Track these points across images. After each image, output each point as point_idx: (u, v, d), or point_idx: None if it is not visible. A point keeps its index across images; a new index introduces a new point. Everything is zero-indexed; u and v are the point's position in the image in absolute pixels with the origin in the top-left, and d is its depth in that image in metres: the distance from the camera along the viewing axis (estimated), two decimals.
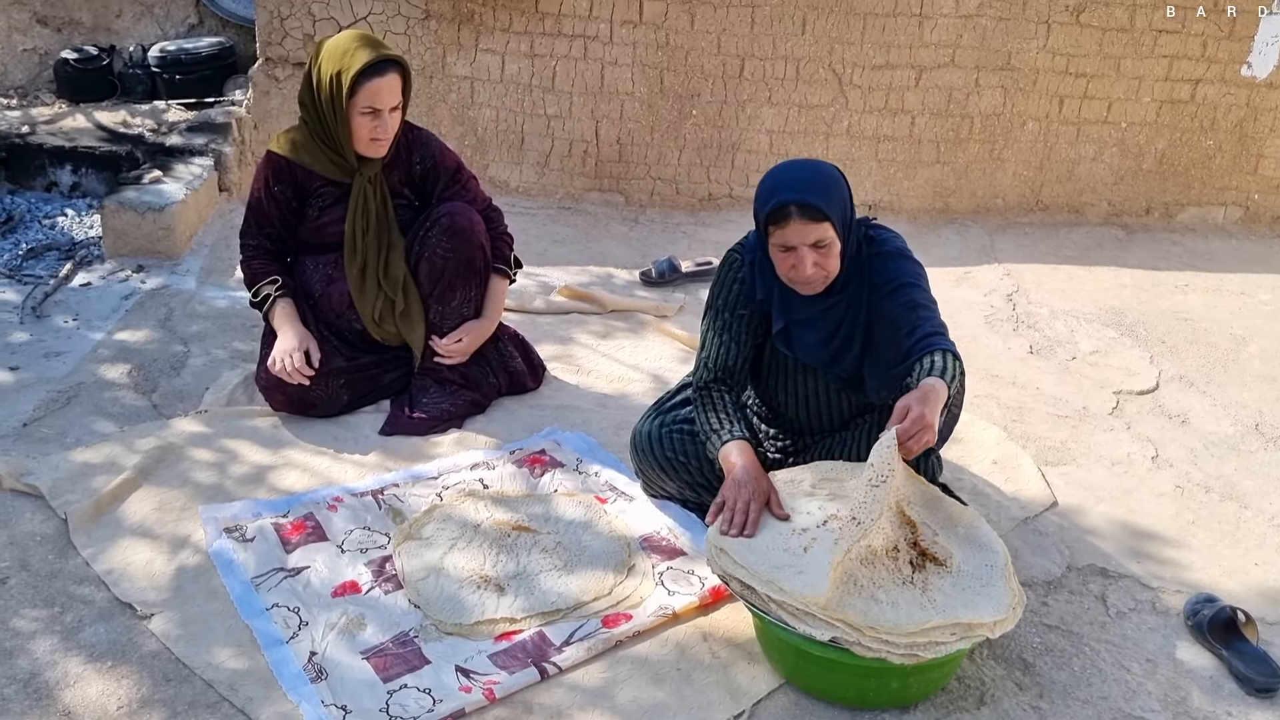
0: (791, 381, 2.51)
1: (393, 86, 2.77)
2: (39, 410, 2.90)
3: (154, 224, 3.90)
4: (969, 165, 4.87)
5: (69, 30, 5.54)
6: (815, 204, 2.20)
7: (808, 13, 4.55)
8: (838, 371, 2.44)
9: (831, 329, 2.40)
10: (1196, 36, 4.72)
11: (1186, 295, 4.28)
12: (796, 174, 2.27)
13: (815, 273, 2.26)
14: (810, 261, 2.25)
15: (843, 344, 2.41)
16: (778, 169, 2.32)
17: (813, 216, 2.21)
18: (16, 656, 2.07)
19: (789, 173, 2.28)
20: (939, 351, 2.21)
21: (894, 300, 2.33)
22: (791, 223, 2.21)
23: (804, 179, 2.25)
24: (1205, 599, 2.39)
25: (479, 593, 2.29)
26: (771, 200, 2.23)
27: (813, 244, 2.23)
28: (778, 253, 2.29)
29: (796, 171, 2.29)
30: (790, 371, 2.50)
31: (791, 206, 2.20)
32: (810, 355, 2.44)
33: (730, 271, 2.47)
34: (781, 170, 2.31)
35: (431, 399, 2.99)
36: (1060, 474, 2.95)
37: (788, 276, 2.32)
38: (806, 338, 2.42)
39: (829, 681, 2.07)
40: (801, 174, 2.27)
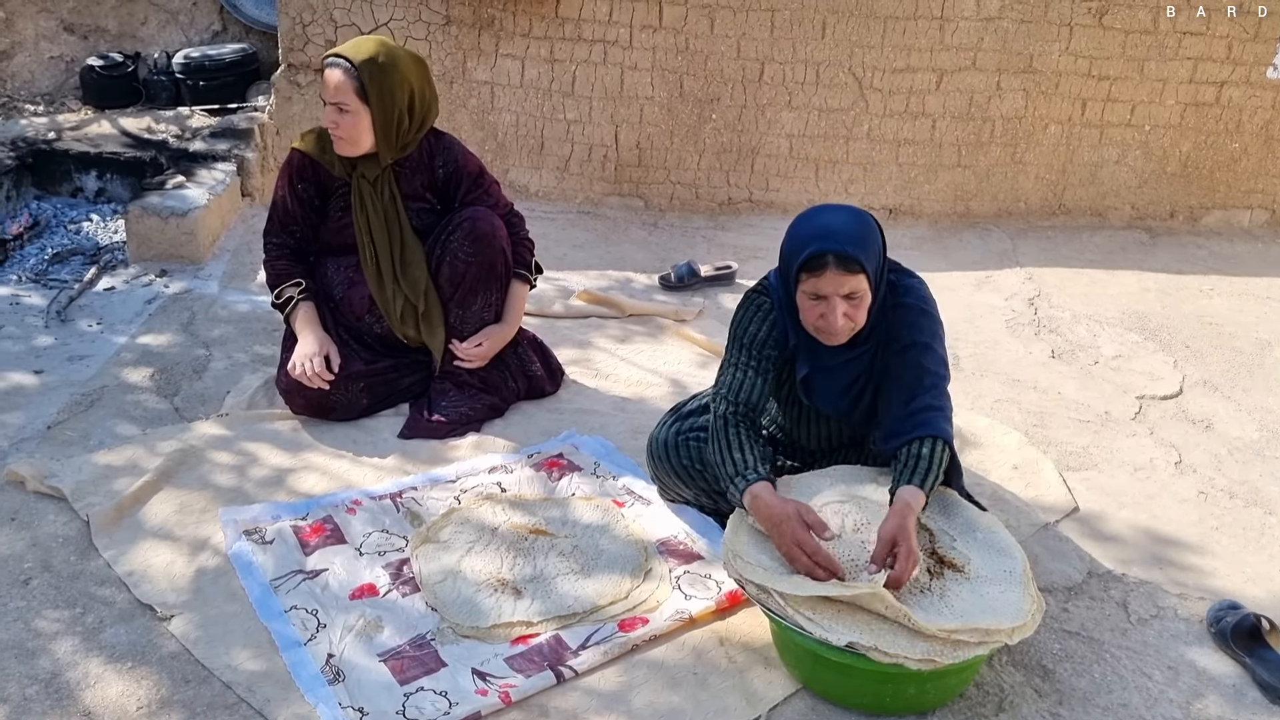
0: (808, 421, 2.47)
1: (334, 83, 2.79)
2: (63, 413, 2.93)
3: (177, 229, 3.93)
4: (990, 169, 4.85)
5: (95, 37, 5.60)
6: (853, 255, 2.14)
7: (828, 16, 4.54)
8: (853, 420, 2.42)
9: (850, 379, 2.35)
10: (1221, 38, 4.68)
11: (1211, 299, 4.24)
12: (834, 222, 2.20)
13: (844, 324, 2.20)
14: (840, 312, 2.19)
15: (858, 395, 2.37)
16: (814, 215, 2.25)
17: (849, 268, 2.15)
18: (38, 657, 2.09)
19: (827, 220, 2.21)
20: (927, 439, 2.18)
21: (902, 359, 2.28)
22: (827, 272, 2.15)
23: (842, 229, 2.18)
24: (1229, 606, 2.37)
25: (496, 596, 2.29)
26: (808, 248, 2.16)
27: (845, 295, 2.18)
28: (806, 300, 2.22)
29: (834, 219, 2.21)
30: (806, 411, 2.46)
31: (829, 256, 2.14)
32: (828, 405, 2.40)
33: (760, 312, 2.38)
34: (818, 216, 2.24)
35: (450, 403, 3.00)
36: (1082, 479, 2.92)
37: (814, 325, 2.25)
38: (826, 387, 2.37)
39: (846, 687, 2.06)
40: (839, 223, 2.19)
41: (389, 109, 2.81)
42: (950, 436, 2.22)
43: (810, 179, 4.80)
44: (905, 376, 2.26)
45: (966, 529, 2.19)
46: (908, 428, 2.21)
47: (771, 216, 4.79)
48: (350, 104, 2.79)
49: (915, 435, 2.19)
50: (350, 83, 2.78)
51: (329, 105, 2.81)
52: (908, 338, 2.28)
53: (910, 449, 2.19)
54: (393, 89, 2.80)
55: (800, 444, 2.55)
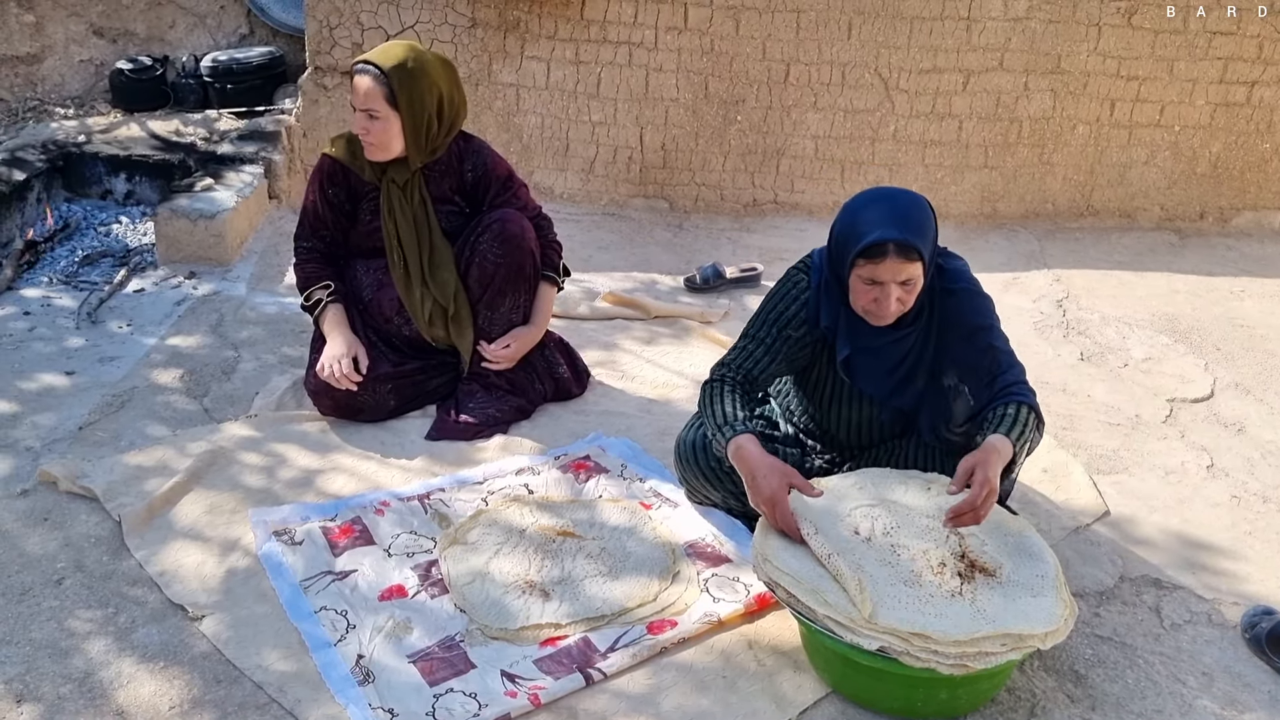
0: (846, 408, 2.46)
1: (364, 89, 2.80)
2: (94, 414, 2.95)
3: (205, 231, 3.96)
4: (1018, 169, 4.82)
5: (124, 41, 5.65)
6: (913, 244, 2.15)
7: (853, 17, 4.52)
8: (896, 404, 2.41)
9: (897, 360, 2.36)
10: (1252, 38, 4.63)
11: (1242, 301, 4.20)
12: (896, 210, 2.19)
13: (897, 309, 2.22)
14: (895, 298, 2.20)
15: (905, 377, 2.37)
16: (873, 198, 2.25)
17: (908, 256, 2.16)
18: (72, 656, 2.11)
19: (888, 207, 2.20)
20: (1014, 403, 2.21)
21: (971, 345, 2.31)
22: (887, 260, 2.15)
23: (903, 216, 2.18)
24: (1263, 611, 2.34)
25: (524, 598, 2.29)
26: (870, 235, 2.15)
27: (900, 281, 2.19)
28: (861, 285, 2.22)
29: (896, 207, 2.20)
30: (845, 398, 2.45)
31: (890, 245, 2.14)
32: (872, 386, 2.39)
33: (793, 290, 2.40)
34: (878, 201, 2.23)
35: (478, 404, 3.00)
36: (1112, 483, 2.90)
37: (865, 309, 2.25)
38: (871, 368, 2.37)
39: (876, 691, 2.05)
40: (900, 211, 2.19)
41: (418, 114, 2.82)
42: (1037, 407, 2.26)
43: (836, 180, 4.79)
44: (982, 362, 2.30)
45: (998, 533, 2.17)
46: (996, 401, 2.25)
47: (797, 218, 4.78)
48: (380, 110, 2.80)
49: (1000, 403, 2.23)
50: (380, 89, 2.79)
51: (359, 111, 2.82)
52: (971, 322, 2.32)
53: (997, 410, 2.22)
54: (422, 94, 2.81)
55: (833, 434, 2.54)
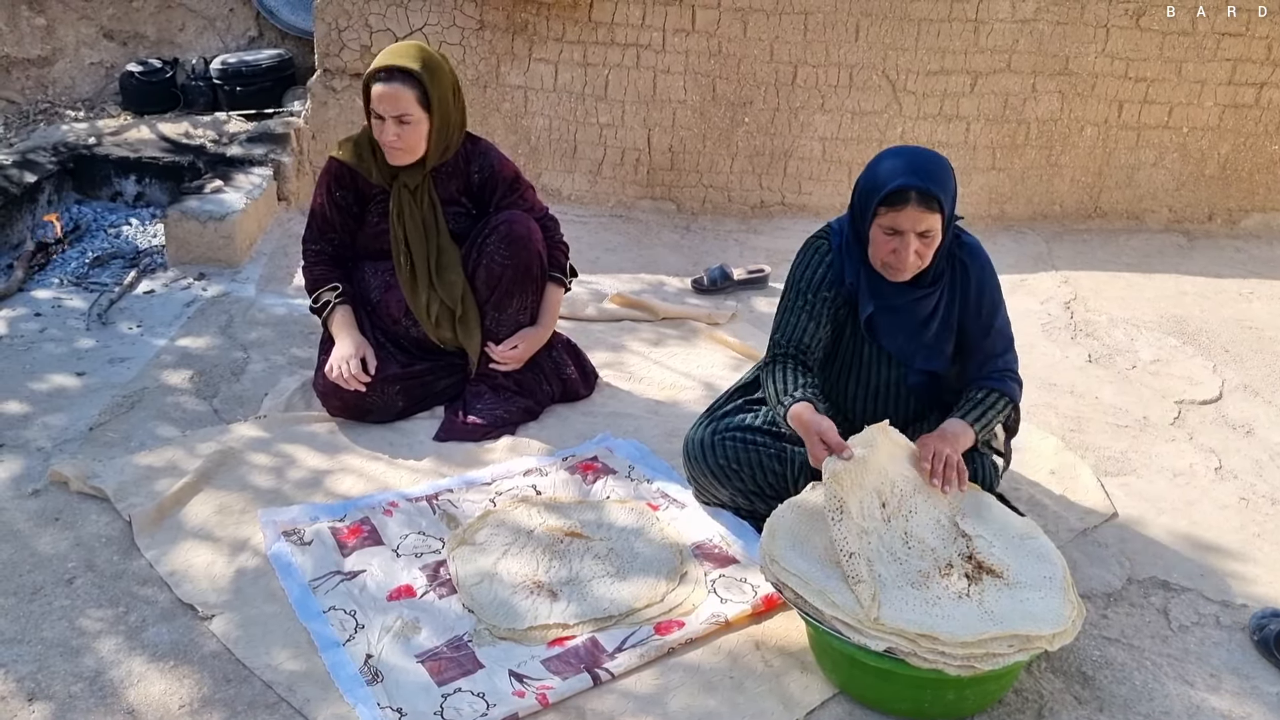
0: (866, 371, 2.50)
1: (395, 97, 2.79)
2: (104, 415, 2.96)
3: (215, 233, 3.98)
4: (1025, 171, 4.82)
5: (134, 44, 5.68)
6: (935, 193, 2.22)
7: (861, 19, 4.53)
8: (920, 365, 2.45)
9: (921, 320, 2.41)
10: (1261, 39, 4.62)
11: (1250, 303, 4.19)
12: (918, 161, 2.26)
13: (914, 261, 2.28)
14: (913, 249, 2.26)
15: (932, 340, 2.43)
16: (896, 152, 2.31)
17: (929, 205, 2.22)
18: (83, 655, 2.12)
19: (910, 158, 2.27)
20: (986, 389, 2.37)
21: (978, 321, 2.40)
22: (908, 208, 2.22)
23: (925, 167, 2.25)
24: (1271, 613, 2.34)
25: (532, 598, 2.30)
26: (893, 182, 2.22)
27: (920, 232, 2.25)
28: (881, 234, 2.29)
29: (917, 159, 2.27)
30: (866, 361, 2.49)
31: (912, 192, 2.21)
32: (895, 345, 2.44)
33: (816, 255, 2.47)
34: (901, 154, 2.30)
35: (486, 405, 3.01)
36: (1120, 484, 2.90)
37: (883, 260, 2.32)
38: (894, 326, 2.42)
39: (883, 692, 2.05)
40: (922, 161, 2.26)
41: (446, 112, 2.86)
42: (1016, 396, 2.39)
43: (843, 182, 4.79)
44: (983, 341, 2.40)
45: (1005, 534, 2.18)
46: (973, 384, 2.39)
47: (804, 220, 4.78)
48: (414, 114, 2.81)
49: (981, 386, 2.38)
50: (413, 92, 2.80)
51: (388, 119, 2.80)
52: (983, 298, 2.41)
53: (967, 394, 2.39)
54: (446, 91, 2.85)
55: (849, 407, 2.55)
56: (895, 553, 2.07)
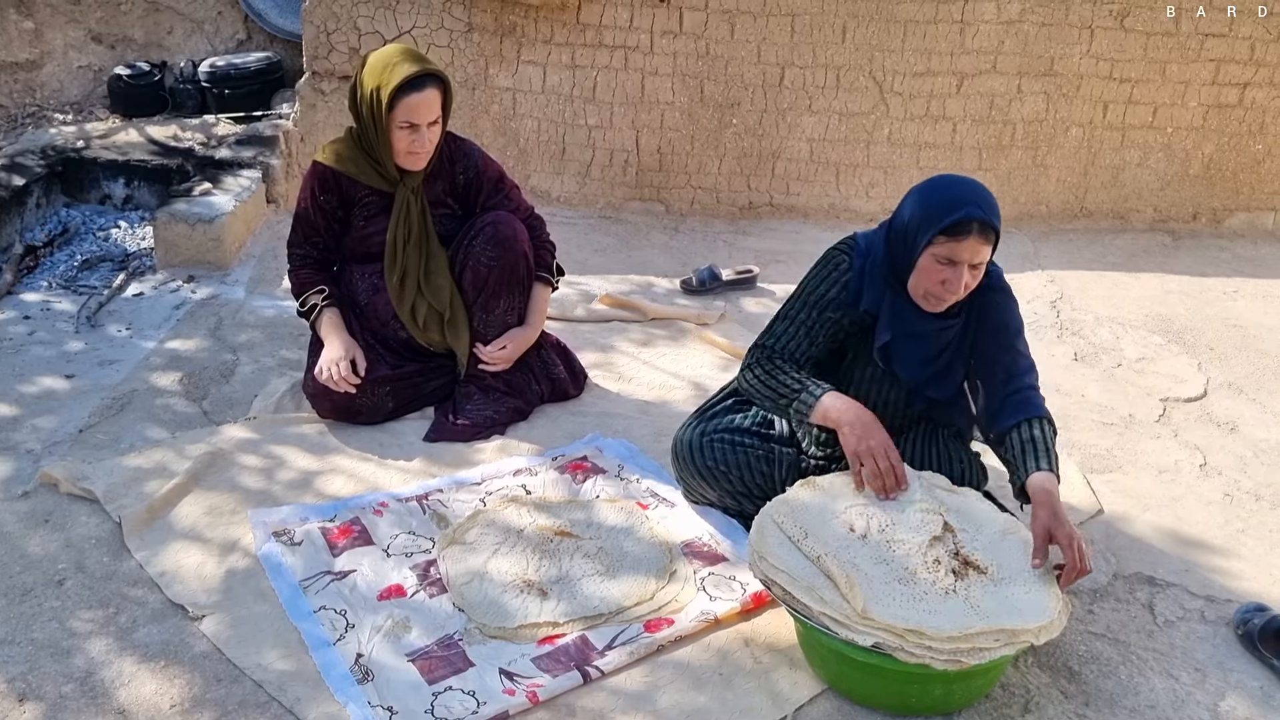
0: (869, 388, 2.46)
1: (430, 102, 2.80)
2: (94, 416, 2.96)
3: (204, 235, 3.98)
4: (1011, 172, 4.85)
5: (122, 47, 5.67)
6: (995, 225, 2.18)
7: (848, 21, 4.55)
8: (930, 393, 2.42)
9: (938, 349, 2.38)
10: (1244, 40, 4.66)
11: (1235, 301, 4.22)
12: (978, 191, 2.21)
13: (963, 292, 2.24)
14: (964, 281, 2.21)
15: (944, 368, 2.39)
16: (947, 181, 2.27)
17: (988, 238, 2.19)
18: (73, 656, 2.12)
19: (966, 188, 2.22)
20: (1034, 420, 2.26)
21: (997, 341, 2.35)
22: (969, 239, 2.17)
23: (985, 198, 2.20)
24: (1255, 608, 2.36)
25: (522, 597, 2.31)
26: (957, 212, 2.17)
27: (974, 264, 2.21)
28: (934, 264, 2.22)
29: (973, 188, 2.22)
30: (870, 379, 2.46)
31: (975, 223, 2.16)
32: (909, 372, 2.40)
33: (834, 271, 2.40)
34: (955, 183, 2.25)
35: (475, 406, 3.02)
36: (1106, 481, 2.92)
37: (929, 290, 2.26)
38: (911, 354, 2.38)
39: (871, 687, 2.06)
40: (981, 192, 2.21)
41: (450, 112, 2.89)
42: (1048, 414, 2.31)
43: (831, 183, 4.81)
44: (1003, 359, 2.34)
45: (989, 530, 2.19)
46: (1011, 408, 2.29)
47: (792, 220, 4.81)
48: (439, 117, 2.83)
49: (1023, 417, 2.27)
50: (441, 96, 2.82)
51: (415, 126, 2.79)
52: (1001, 320, 2.36)
53: (1021, 433, 2.25)
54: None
55: None
56: (881, 556, 2.09)
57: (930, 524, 2.14)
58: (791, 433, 2.60)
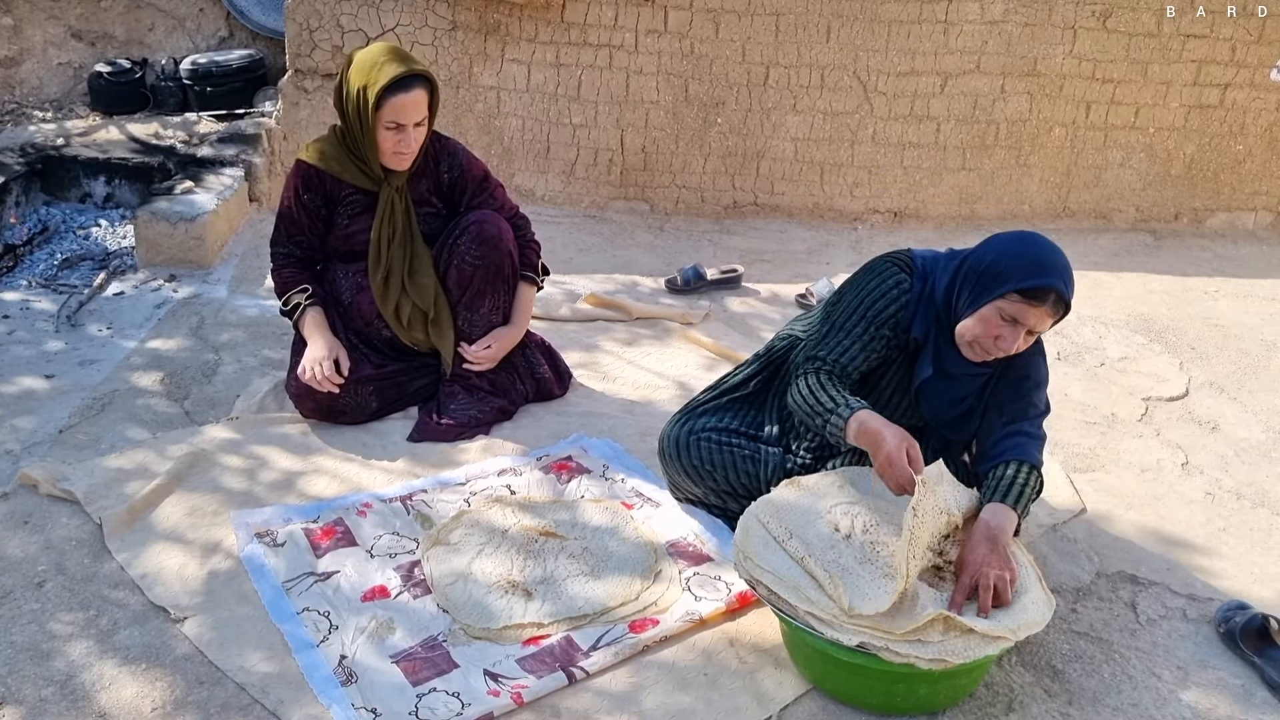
0: (887, 413, 2.38)
1: (418, 102, 2.79)
2: (74, 417, 2.94)
3: (186, 234, 3.95)
4: (995, 171, 4.86)
5: (103, 44, 5.63)
6: (1068, 305, 2.15)
7: (832, 20, 4.56)
8: (953, 435, 2.41)
9: (965, 393, 2.36)
10: (1225, 40, 4.69)
11: (1216, 301, 4.25)
12: (1062, 260, 2.16)
13: (1013, 352, 2.20)
14: (1018, 344, 2.18)
15: (966, 413, 2.38)
16: (1040, 243, 2.19)
17: (1059, 311, 2.16)
18: (53, 658, 2.10)
19: (1059, 258, 2.16)
20: (1014, 463, 2.20)
21: (1015, 390, 2.31)
22: (1043, 307, 2.13)
23: (1070, 273, 2.15)
24: (1237, 606, 2.37)
25: (507, 598, 2.30)
26: (1040, 278, 2.12)
27: (1031, 330, 2.17)
28: (997, 318, 2.17)
29: (1065, 262, 2.17)
30: (892, 406, 2.42)
31: (1053, 294, 2.12)
32: (934, 410, 2.38)
33: (895, 289, 2.32)
34: (1048, 249, 2.18)
35: (460, 406, 3.01)
36: (1089, 480, 2.93)
37: (979, 340, 2.21)
38: (941, 394, 2.35)
39: (856, 687, 2.07)
40: (1068, 267, 2.16)
41: (436, 112, 2.88)
42: (1041, 464, 2.24)
43: (815, 182, 4.82)
44: (1014, 406, 2.29)
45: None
46: (1003, 449, 2.24)
47: (777, 220, 4.81)
48: (425, 117, 2.82)
49: (1011, 458, 2.21)
50: (428, 97, 2.81)
51: (402, 126, 2.78)
52: (1025, 372, 2.31)
53: (996, 471, 2.21)
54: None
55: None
56: (866, 557, 2.09)
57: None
58: (781, 434, 2.59)
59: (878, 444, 2.14)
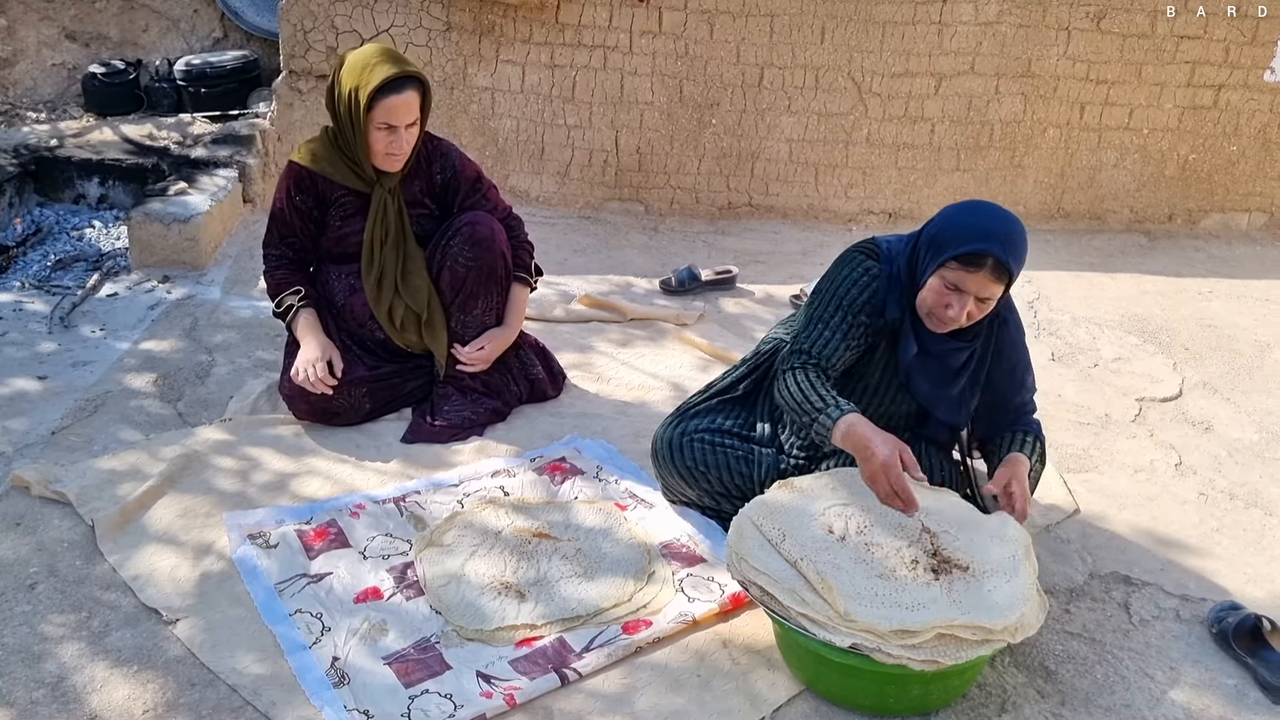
0: (876, 398, 2.44)
1: (410, 103, 2.79)
2: (67, 419, 2.93)
3: (179, 235, 3.94)
4: (989, 172, 4.87)
5: (96, 45, 5.62)
6: (1010, 267, 2.17)
7: (826, 21, 4.56)
8: (944, 416, 2.42)
9: (951, 371, 2.37)
10: (1219, 42, 4.70)
11: (1210, 302, 4.25)
12: (1004, 227, 2.18)
13: (963, 321, 2.23)
14: (967, 312, 2.21)
15: (958, 395, 2.39)
16: (984, 209, 2.23)
17: (1000, 276, 2.17)
18: (44, 660, 2.10)
19: (998, 222, 2.19)
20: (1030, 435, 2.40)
21: (1010, 378, 2.41)
22: (980, 273, 2.16)
23: (1010, 235, 2.17)
24: (1230, 606, 2.38)
25: (500, 599, 2.30)
26: (974, 244, 2.15)
27: (981, 298, 2.20)
28: (940, 286, 2.21)
29: (1004, 224, 2.19)
30: (876, 390, 2.44)
31: (990, 259, 2.14)
32: (923, 391, 2.40)
33: (864, 275, 2.35)
34: (990, 213, 2.21)
35: (453, 407, 3.01)
36: (1082, 481, 2.93)
37: (930, 310, 2.26)
38: (929, 372, 2.37)
39: (849, 688, 2.06)
40: (1008, 229, 2.18)
41: (428, 114, 2.87)
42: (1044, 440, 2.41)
43: (810, 183, 4.82)
44: (1011, 394, 2.41)
45: (969, 529, 2.19)
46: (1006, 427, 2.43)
47: (772, 221, 4.81)
48: (417, 119, 2.82)
49: (1017, 430, 2.40)
50: (420, 98, 2.81)
51: (394, 128, 2.77)
52: (1014, 357, 2.42)
53: (1008, 437, 2.40)
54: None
55: None
56: (860, 558, 2.09)
57: (909, 527, 2.14)
58: (773, 434, 2.60)
59: (869, 454, 2.15)
